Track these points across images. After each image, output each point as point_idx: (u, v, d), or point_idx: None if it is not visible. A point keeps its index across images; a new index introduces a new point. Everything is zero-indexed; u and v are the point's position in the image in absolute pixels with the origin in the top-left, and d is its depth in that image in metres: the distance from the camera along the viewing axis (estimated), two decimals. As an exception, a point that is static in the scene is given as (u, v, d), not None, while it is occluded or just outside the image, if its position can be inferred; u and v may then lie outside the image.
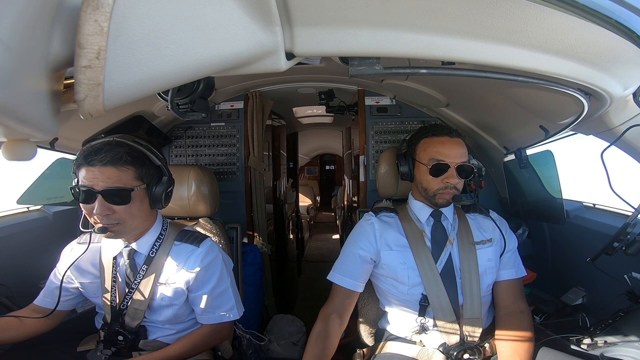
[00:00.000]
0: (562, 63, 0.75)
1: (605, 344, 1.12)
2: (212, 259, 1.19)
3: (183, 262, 1.17)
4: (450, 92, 1.67)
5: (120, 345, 1.17)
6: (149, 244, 1.17)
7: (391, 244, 1.26)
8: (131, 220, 1.06)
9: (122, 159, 1.00)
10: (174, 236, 1.21)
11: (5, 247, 1.45)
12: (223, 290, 1.22)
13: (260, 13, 0.59)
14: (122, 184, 1.00)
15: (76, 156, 1.02)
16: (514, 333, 1.15)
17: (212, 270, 1.19)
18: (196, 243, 1.19)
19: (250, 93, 2.11)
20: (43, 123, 0.42)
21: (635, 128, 1.02)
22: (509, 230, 1.34)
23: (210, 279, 1.18)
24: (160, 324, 1.19)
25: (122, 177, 1.01)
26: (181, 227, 1.27)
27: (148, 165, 1.07)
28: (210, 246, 1.21)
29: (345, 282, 1.28)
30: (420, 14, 0.63)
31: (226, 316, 1.22)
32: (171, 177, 1.14)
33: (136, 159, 1.04)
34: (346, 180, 4.96)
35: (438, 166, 1.20)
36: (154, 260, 1.16)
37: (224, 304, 1.22)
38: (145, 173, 1.06)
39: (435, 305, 1.18)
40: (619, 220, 1.32)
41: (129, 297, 1.15)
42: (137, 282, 1.15)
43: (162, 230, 1.20)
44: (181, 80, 0.56)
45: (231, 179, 2.15)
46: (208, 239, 1.23)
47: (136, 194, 1.04)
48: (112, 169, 0.99)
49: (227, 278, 1.24)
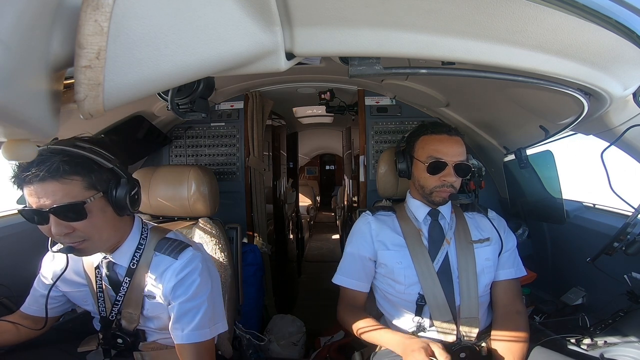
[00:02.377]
0: (562, 63, 0.75)
1: (605, 344, 1.12)
2: (188, 271, 1.06)
3: (160, 275, 1.08)
4: (450, 92, 1.66)
5: (120, 348, 1.16)
6: (129, 254, 1.08)
7: (388, 243, 1.26)
8: (97, 234, 0.96)
9: (59, 169, 0.86)
10: (154, 245, 1.10)
11: (5, 247, 1.45)
12: (195, 306, 1.06)
13: (260, 13, 0.59)
14: (71, 197, 0.88)
15: (12, 174, 0.89)
16: (509, 333, 1.15)
17: (187, 284, 1.06)
18: (174, 255, 1.08)
19: (250, 93, 2.11)
20: (43, 123, 0.42)
21: (635, 128, 1.03)
22: (508, 230, 1.34)
23: (183, 292, 1.06)
24: (155, 329, 1.18)
25: (69, 190, 0.88)
26: (163, 234, 1.15)
27: (98, 171, 0.94)
28: (189, 258, 1.08)
29: (349, 283, 1.29)
30: (420, 14, 0.63)
31: (193, 335, 1.05)
32: (131, 178, 1.00)
33: (80, 165, 0.90)
34: (346, 180, 4.96)
35: (436, 164, 1.20)
36: (136, 272, 1.08)
37: (192, 321, 1.05)
38: (96, 180, 0.93)
39: (432, 305, 1.18)
40: (619, 220, 1.32)
41: (115, 309, 1.12)
42: (121, 296, 1.10)
43: (141, 240, 1.10)
44: (181, 80, 0.56)
45: (231, 179, 2.15)
46: (189, 250, 1.10)
47: (93, 205, 0.91)
48: (53, 183, 0.86)
49: (205, 292, 1.09)
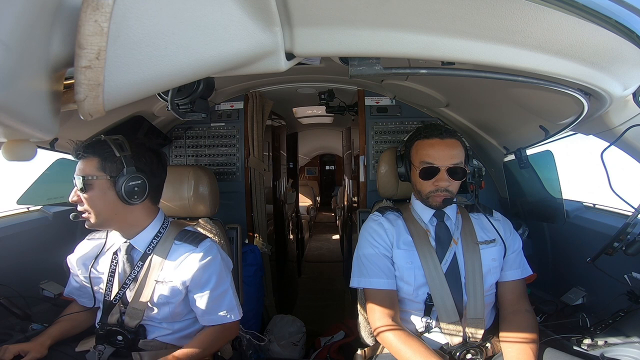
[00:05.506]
0: (562, 63, 0.75)
1: (605, 344, 1.12)
2: (210, 259, 1.19)
3: (181, 261, 1.18)
4: (450, 92, 1.66)
5: (119, 345, 1.17)
6: (146, 241, 1.19)
7: (400, 243, 1.26)
8: (94, 209, 1.08)
9: (83, 149, 1.09)
10: (174, 235, 1.22)
11: (5, 247, 1.45)
12: (222, 292, 1.22)
13: (260, 13, 0.59)
14: (84, 173, 1.07)
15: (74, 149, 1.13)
16: (521, 331, 1.14)
17: (210, 272, 1.19)
18: (195, 243, 1.20)
19: (250, 93, 2.11)
20: (43, 123, 0.42)
21: (635, 128, 1.02)
22: (514, 231, 1.33)
23: (208, 280, 1.19)
24: (157, 322, 1.20)
25: (86, 167, 1.08)
26: (182, 227, 1.28)
27: (111, 159, 1.09)
28: (209, 247, 1.21)
29: (379, 284, 1.21)
30: (420, 14, 0.63)
31: (227, 317, 1.23)
32: (137, 173, 1.09)
33: (99, 150, 1.09)
34: (346, 180, 4.96)
35: (428, 169, 1.20)
36: (151, 257, 1.18)
37: (223, 305, 1.22)
38: (109, 166, 1.08)
39: (440, 306, 1.18)
40: (619, 220, 1.32)
41: (122, 292, 1.18)
42: (131, 278, 1.17)
43: (160, 229, 1.22)
44: (181, 81, 0.56)
45: (231, 179, 2.15)
46: (207, 240, 1.24)
47: (95, 183, 1.07)
48: (82, 161, 1.10)
49: (227, 279, 1.24)
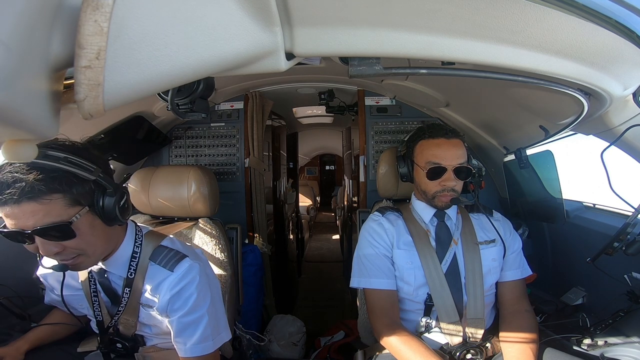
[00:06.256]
0: (562, 63, 0.75)
1: (605, 344, 1.12)
2: (184, 285, 1.03)
3: (156, 288, 1.05)
4: (450, 92, 1.66)
5: (120, 352, 1.16)
6: (123, 263, 1.04)
7: (400, 243, 1.26)
8: (91, 249, 0.91)
9: (34, 189, 0.76)
10: (149, 254, 1.07)
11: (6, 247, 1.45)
12: (195, 319, 1.05)
13: (260, 13, 0.59)
14: (54, 217, 0.79)
15: None
16: (521, 331, 1.14)
17: (184, 297, 1.03)
18: (170, 266, 1.04)
19: (250, 93, 2.11)
20: (43, 123, 0.42)
21: (635, 128, 1.02)
22: (514, 231, 1.33)
23: (181, 307, 1.04)
24: (153, 335, 1.17)
25: (50, 210, 0.79)
26: (158, 241, 1.10)
27: (79, 183, 0.83)
28: (185, 271, 1.04)
29: (379, 284, 1.22)
30: (420, 14, 0.63)
31: (197, 348, 1.04)
32: (118, 186, 0.91)
33: (57, 181, 0.79)
34: (346, 180, 4.96)
35: (435, 169, 1.20)
36: (134, 281, 1.05)
37: (194, 334, 1.05)
38: (79, 194, 0.83)
39: (440, 306, 1.18)
40: (619, 220, 1.32)
41: (117, 318, 1.09)
42: (122, 307, 1.06)
43: (135, 247, 1.06)
44: (181, 81, 0.56)
45: (231, 179, 2.15)
46: (185, 261, 1.05)
47: (80, 222, 0.84)
48: (31, 204, 0.77)
49: (204, 304, 1.06)
